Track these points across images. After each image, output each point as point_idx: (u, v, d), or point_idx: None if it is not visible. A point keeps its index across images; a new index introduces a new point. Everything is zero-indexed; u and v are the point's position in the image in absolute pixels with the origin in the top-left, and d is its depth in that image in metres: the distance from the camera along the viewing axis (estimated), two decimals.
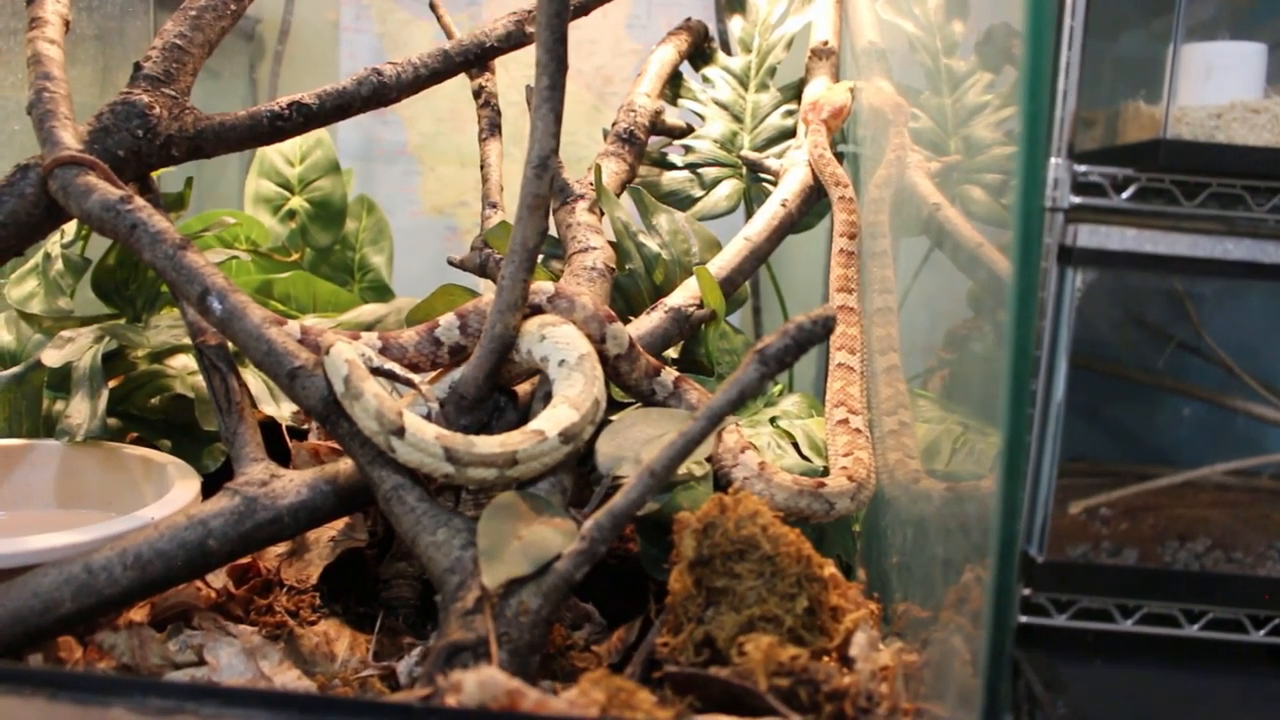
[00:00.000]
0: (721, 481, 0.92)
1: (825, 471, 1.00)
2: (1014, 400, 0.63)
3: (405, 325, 1.07)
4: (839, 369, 1.07)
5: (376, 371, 0.85)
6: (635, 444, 0.84)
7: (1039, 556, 0.74)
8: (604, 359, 0.90)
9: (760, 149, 1.36)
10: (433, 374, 0.92)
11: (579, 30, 1.62)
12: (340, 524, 1.04)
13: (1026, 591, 0.74)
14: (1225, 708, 0.70)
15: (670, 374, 0.97)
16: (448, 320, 0.92)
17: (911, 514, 0.86)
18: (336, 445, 1.05)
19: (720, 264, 1.13)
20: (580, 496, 0.86)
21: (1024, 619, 0.74)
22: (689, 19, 1.46)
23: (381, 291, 1.53)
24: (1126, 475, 0.76)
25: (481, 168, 1.28)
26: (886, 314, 1.05)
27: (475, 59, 1.20)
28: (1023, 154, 0.62)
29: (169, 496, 0.96)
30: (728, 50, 1.47)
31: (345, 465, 0.88)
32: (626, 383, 0.95)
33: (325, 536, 1.03)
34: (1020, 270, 0.62)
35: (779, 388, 1.22)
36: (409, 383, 0.86)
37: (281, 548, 1.02)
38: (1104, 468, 0.77)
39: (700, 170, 1.35)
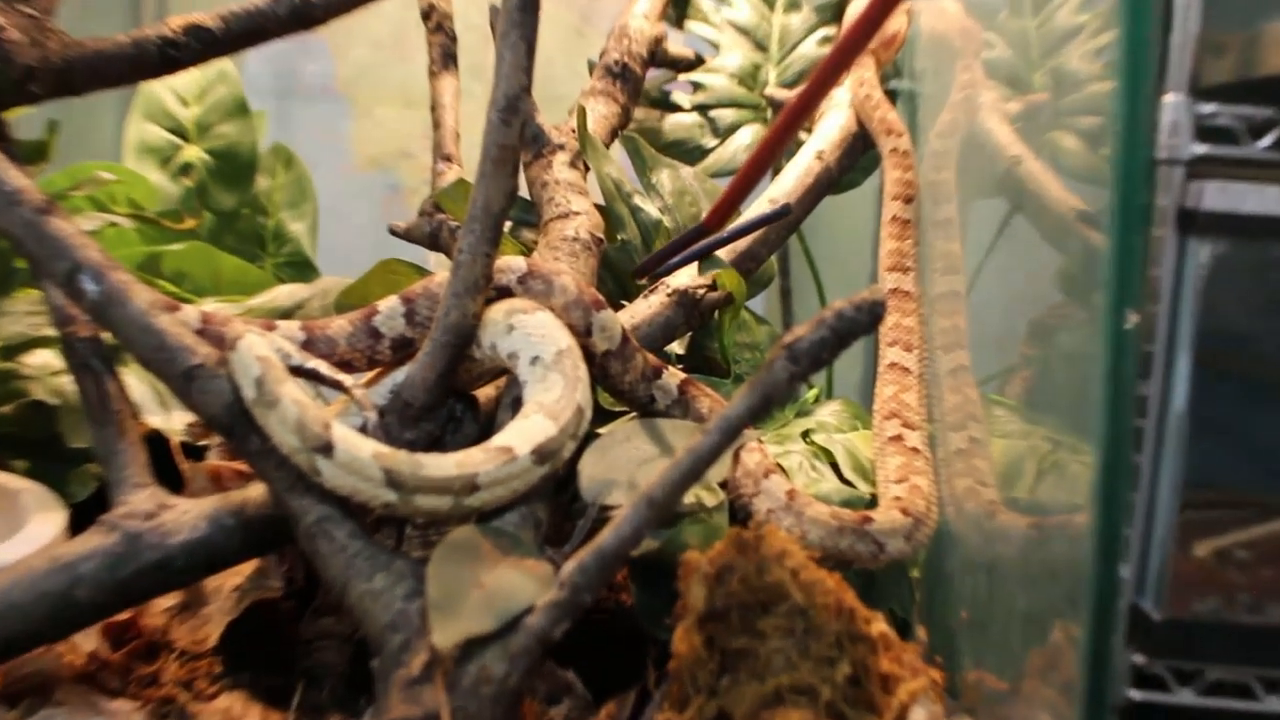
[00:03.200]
0: (740, 514, 0.93)
1: (873, 502, 1.00)
2: (1114, 409, 0.63)
3: (334, 312, 1.07)
4: (891, 370, 1.08)
5: (297, 371, 0.85)
6: (629, 465, 0.85)
7: (1155, 613, 0.73)
8: (589, 355, 0.91)
9: (790, 86, 1.37)
10: (370, 374, 0.92)
11: None
12: (248, 569, 1.03)
13: (1138, 658, 0.73)
14: None
15: (674, 375, 0.97)
16: (389, 306, 0.92)
17: (985, 556, 0.86)
18: (244, 466, 1.06)
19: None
20: (559, 532, 0.87)
21: (1135, 694, 0.73)
22: None
23: (303, 268, 1.54)
24: (1270, 507, 0.75)
25: (432, 110, 1.29)
26: (952, 299, 1.06)
27: None
28: (1124, 90, 0.62)
29: (24, 533, 0.95)
30: None
31: (255, 493, 0.88)
32: (618, 386, 0.95)
33: (228, 585, 1.03)
34: (1121, 240, 0.62)
35: (814, 393, 1.22)
36: (339, 386, 0.86)
37: (171, 600, 1.02)
38: (1241, 497, 0.75)
39: (713, 113, 1.36)
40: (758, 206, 1.18)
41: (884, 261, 1.15)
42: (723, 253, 1.13)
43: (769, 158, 0.94)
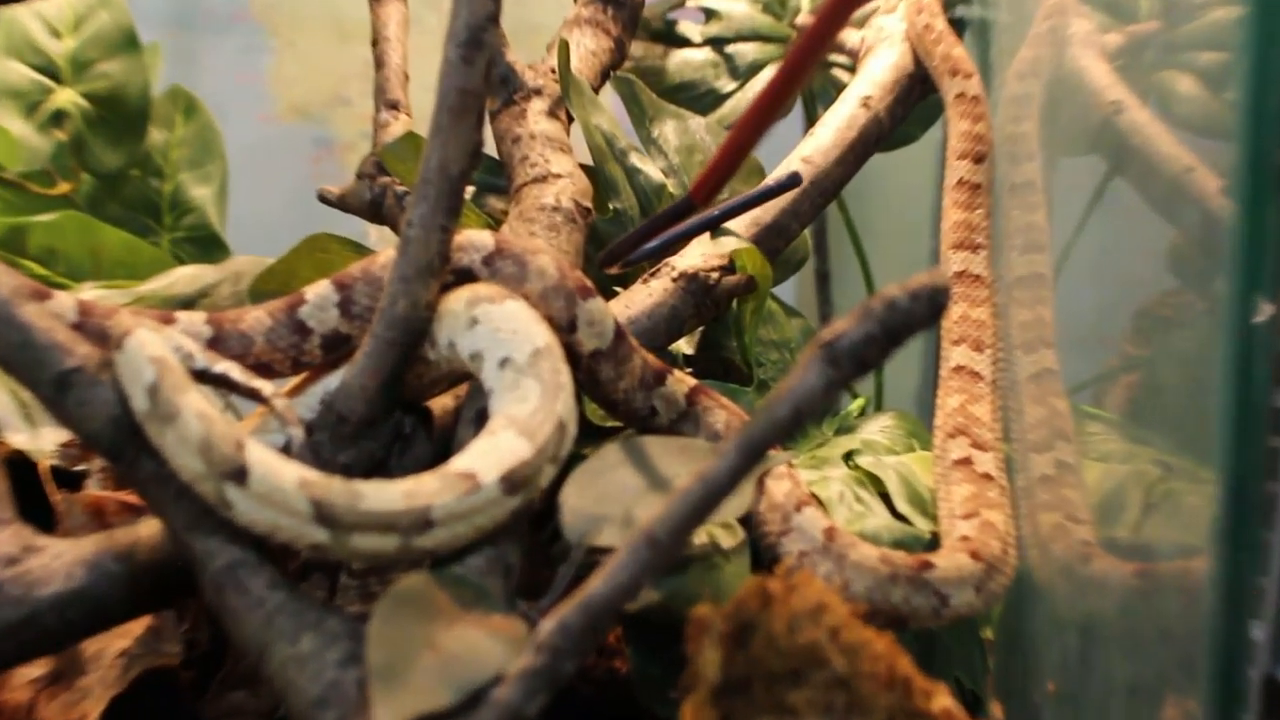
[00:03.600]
0: (764, 558, 0.93)
1: (935, 542, 1.00)
2: (1242, 424, 0.63)
3: (249, 301, 1.08)
4: (957, 375, 1.08)
5: (202, 376, 0.85)
6: (624, 495, 0.84)
7: None
8: (574, 356, 0.91)
9: None
10: (294, 380, 0.92)
11: None
12: (137, 628, 1.03)
13: None
14: None
15: (681, 382, 0.97)
16: (319, 293, 0.92)
17: (1077, 612, 0.86)
18: (134, 497, 1.06)
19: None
20: (535, 581, 0.87)
21: None
22: None
23: (208, 245, 1.53)
24: None
25: (373, 44, 1.29)
26: (1034, 285, 1.05)
27: None
28: (1256, 17, 0.62)
29: None
30: None
31: (148, 531, 0.88)
32: (610, 395, 0.95)
33: (112, 650, 1.03)
34: (1250, 209, 0.62)
35: (859, 404, 1.22)
36: (255, 395, 0.86)
37: (40, 668, 1.01)
38: None
39: (730, 49, 1.36)
40: (786, 169, 1.18)
41: (948, 237, 1.14)
42: (741, 226, 1.14)
43: (772, 110, 0.93)
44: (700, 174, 0.98)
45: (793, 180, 1.10)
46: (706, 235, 1.11)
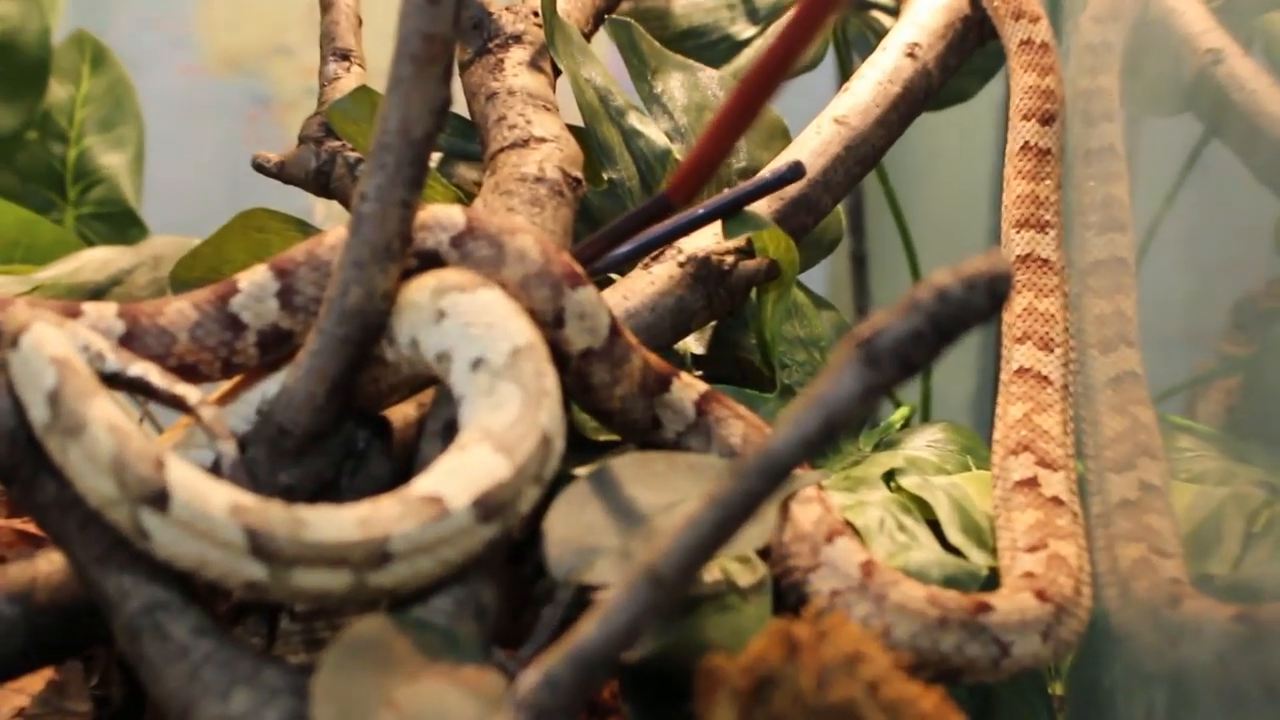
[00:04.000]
0: (790, 597, 0.92)
1: (994, 579, 1.00)
2: None
3: (170, 290, 1.08)
4: (1020, 380, 1.07)
5: (114, 381, 0.85)
6: (621, 523, 0.85)
7: None
8: (562, 356, 0.91)
9: None
10: (226, 385, 0.92)
11: None
12: (36, 683, 1.03)
13: None
14: None
15: (690, 387, 0.97)
16: (256, 281, 0.92)
17: (1166, 663, 0.86)
18: (31, 526, 1.06)
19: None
20: (515, 625, 0.87)
21: None
22: None
23: (122, 222, 1.53)
24: None
25: None
26: (1114, 271, 1.05)
27: None
28: None
29: None
30: None
31: (48, 567, 0.88)
32: (605, 404, 0.95)
33: (7, 708, 1.02)
34: None
35: (902, 413, 1.22)
36: (178, 403, 0.86)
37: None
38: None
39: None
40: (813, 134, 1.17)
41: (1010, 213, 1.14)
42: (761, 203, 1.13)
43: (775, 75, 0.91)
44: (681, 166, 0.97)
45: (794, 172, 1.09)
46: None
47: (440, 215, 0.91)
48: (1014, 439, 1.05)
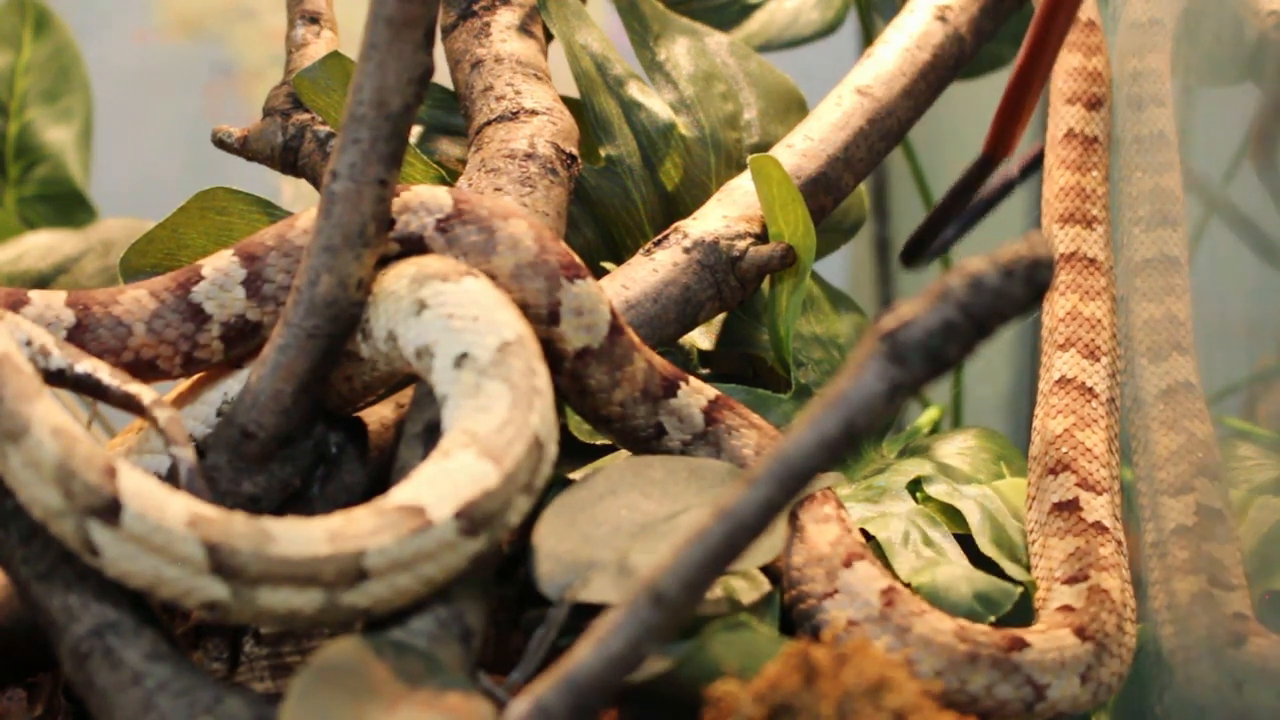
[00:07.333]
0: (801, 625, 0.93)
1: (1029, 597, 1.00)
2: None
3: (123, 278, 1.08)
4: (1061, 390, 1.07)
5: (58, 379, 0.86)
6: (618, 535, 0.86)
7: None
8: (556, 356, 0.92)
9: None
10: (185, 383, 0.94)
11: None
12: None
13: None
14: None
15: (699, 393, 0.97)
16: (219, 268, 0.93)
17: (1229, 709, 0.86)
18: None
19: (806, 148, 1.14)
20: (503, 648, 0.89)
21: None
22: None
23: (67, 204, 1.54)
24: None
25: None
26: (1165, 270, 1.04)
27: None
28: None
29: None
30: None
31: None
32: (603, 409, 0.95)
33: None
34: None
35: (931, 416, 1.23)
36: (131, 403, 0.86)
37: None
38: None
39: None
40: (833, 107, 1.16)
41: (1053, 207, 1.14)
42: None
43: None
44: (995, 116, 0.98)
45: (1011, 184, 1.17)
46: (725, 192, 1.11)
47: (425, 197, 0.92)
48: (1053, 457, 1.05)
